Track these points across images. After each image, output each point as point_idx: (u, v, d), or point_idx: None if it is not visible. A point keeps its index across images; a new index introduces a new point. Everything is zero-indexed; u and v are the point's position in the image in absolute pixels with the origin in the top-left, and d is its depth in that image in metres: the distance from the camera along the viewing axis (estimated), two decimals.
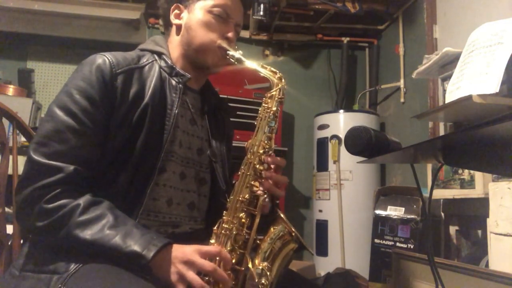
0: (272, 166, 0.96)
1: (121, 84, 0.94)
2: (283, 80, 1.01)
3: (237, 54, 1.02)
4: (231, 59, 1.03)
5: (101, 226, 0.81)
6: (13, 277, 0.85)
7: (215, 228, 0.92)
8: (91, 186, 0.89)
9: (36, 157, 0.84)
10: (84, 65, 0.94)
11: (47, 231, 0.82)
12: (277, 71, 1.02)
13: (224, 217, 0.92)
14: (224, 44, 1.04)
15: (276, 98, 1.00)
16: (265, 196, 0.94)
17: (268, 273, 0.86)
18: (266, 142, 0.96)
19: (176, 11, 1.10)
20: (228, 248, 0.89)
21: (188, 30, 1.06)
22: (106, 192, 0.90)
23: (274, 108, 0.99)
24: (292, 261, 0.92)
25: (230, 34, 1.05)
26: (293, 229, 0.90)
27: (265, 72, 1.01)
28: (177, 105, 1.00)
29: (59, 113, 0.88)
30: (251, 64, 1.01)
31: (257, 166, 0.94)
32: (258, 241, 0.92)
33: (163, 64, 1.04)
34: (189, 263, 0.81)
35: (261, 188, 0.94)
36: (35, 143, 0.86)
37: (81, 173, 0.86)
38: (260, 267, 0.87)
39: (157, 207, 0.98)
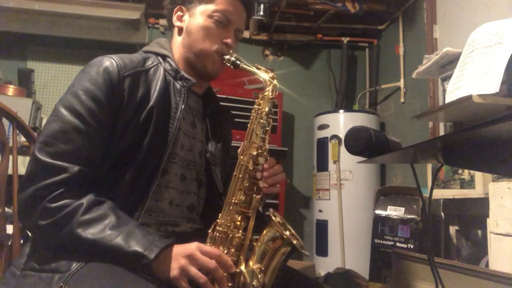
0: (266, 166, 0.97)
1: (128, 87, 0.94)
2: (275, 80, 1.01)
3: (232, 57, 1.03)
4: (227, 63, 1.04)
5: (103, 226, 0.82)
6: (14, 276, 0.85)
7: (210, 231, 0.92)
8: (95, 186, 0.89)
9: (41, 157, 0.84)
10: (91, 66, 0.94)
11: (50, 230, 0.83)
12: (270, 71, 1.03)
13: (218, 220, 0.92)
14: (221, 48, 1.04)
15: (268, 99, 1.00)
16: (259, 197, 0.94)
17: (259, 275, 0.86)
18: (259, 143, 0.96)
19: (179, 13, 1.10)
20: (224, 250, 0.89)
21: (189, 34, 1.06)
22: (110, 193, 0.90)
23: (267, 109, 0.98)
24: (289, 261, 0.92)
25: (229, 40, 1.05)
26: (285, 232, 0.90)
27: (258, 72, 1.01)
28: (181, 109, 1.00)
29: (65, 113, 0.89)
30: (245, 66, 1.02)
31: (250, 168, 0.94)
32: (253, 243, 0.92)
33: (167, 67, 1.04)
34: (191, 258, 0.81)
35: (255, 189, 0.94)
36: (41, 142, 0.86)
37: (85, 173, 0.87)
38: (252, 269, 0.87)
39: (159, 208, 0.98)
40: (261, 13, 2.81)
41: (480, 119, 1.44)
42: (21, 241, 1.07)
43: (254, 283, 0.86)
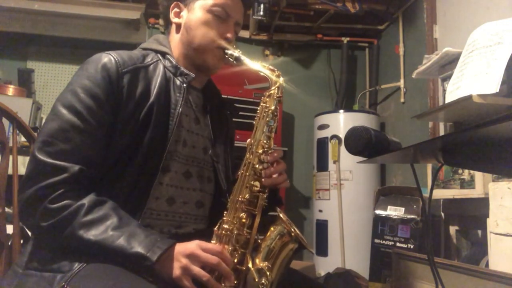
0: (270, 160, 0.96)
1: (127, 83, 0.94)
2: (281, 78, 1.01)
3: (236, 53, 1.02)
4: (230, 58, 1.03)
5: (105, 227, 0.81)
6: (15, 275, 0.85)
7: (215, 228, 0.92)
8: (95, 185, 0.89)
9: (40, 156, 0.84)
10: (89, 63, 0.94)
11: (51, 231, 0.82)
12: (276, 69, 1.02)
13: (224, 217, 0.92)
14: (223, 44, 1.04)
15: (274, 97, 1.00)
16: (265, 195, 0.94)
17: (268, 273, 0.87)
18: (265, 141, 0.96)
19: (176, 10, 1.09)
20: (229, 248, 0.89)
21: (188, 30, 1.05)
22: (110, 192, 0.90)
23: (273, 107, 0.98)
24: (292, 261, 0.93)
25: (229, 35, 1.04)
26: (292, 229, 0.90)
27: (263, 70, 1.00)
28: (180, 105, 1.00)
29: (64, 111, 0.88)
30: (249, 62, 1.01)
31: (257, 166, 0.94)
32: (259, 241, 0.92)
33: (167, 64, 1.04)
34: (192, 257, 0.81)
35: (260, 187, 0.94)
36: (40, 141, 0.86)
37: (86, 172, 0.86)
38: (260, 267, 0.87)
39: (159, 206, 0.98)
40: (261, 13, 2.81)
41: (480, 119, 1.45)
42: (21, 241, 1.07)
43: (263, 281, 0.86)
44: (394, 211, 2.26)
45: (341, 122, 3.02)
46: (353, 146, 0.87)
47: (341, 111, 3.11)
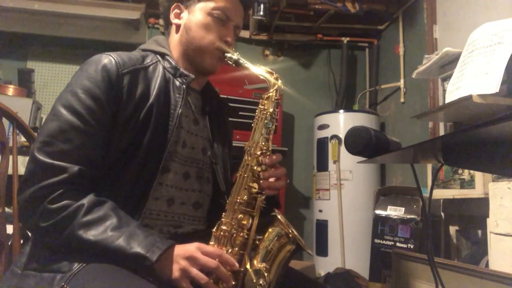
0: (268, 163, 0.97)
1: (127, 84, 0.94)
2: (279, 81, 1.02)
3: (235, 56, 1.03)
4: (228, 61, 1.04)
5: (105, 228, 0.81)
6: (15, 276, 0.85)
7: (214, 230, 0.92)
8: (95, 186, 0.89)
9: (40, 157, 0.84)
10: (89, 64, 0.94)
11: (51, 231, 0.82)
12: (274, 72, 1.03)
13: (222, 219, 0.93)
14: (223, 46, 1.04)
15: (272, 99, 1.00)
16: (263, 197, 0.94)
17: (266, 274, 0.87)
18: (263, 143, 0.97)
19: (176, 11, 1.09)
20: (228, 250, 0.89)
21: (188, 31, 1.06)
22: (110, 192, 0.90)
23: (271, 109, 0.99)
24: (291, 261, 0.93)
25: (229, 38, 1.05)
26: (290, 231, 0.90)
27: (261, 73, 1.01)
28: (180, 106, 1.00)
29: (64, 112, 0.88)
30: (248, 65, 1.02)
31: (255, 167, 0.94)
32: (257, 242, 0.92)
33: (167, 65, 1.04)
34: (192, 259, 0.81)
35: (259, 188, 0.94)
36: (40, 142, 0.86)
37: (85, 173, 0.86)
38: (258, 268, 0.87)
39: (158, 206, 0.98)
40: (261, 13, 2.81)
41: (480, 119, 1.44)
42: (21, 241, 1.07)
43: (260, 282, 0.86)
44: (394, 211, 2.26)
45: (341, 122, 3.02)
46: (353, 146, 0.87)
47: (341, 111, 3.11)
